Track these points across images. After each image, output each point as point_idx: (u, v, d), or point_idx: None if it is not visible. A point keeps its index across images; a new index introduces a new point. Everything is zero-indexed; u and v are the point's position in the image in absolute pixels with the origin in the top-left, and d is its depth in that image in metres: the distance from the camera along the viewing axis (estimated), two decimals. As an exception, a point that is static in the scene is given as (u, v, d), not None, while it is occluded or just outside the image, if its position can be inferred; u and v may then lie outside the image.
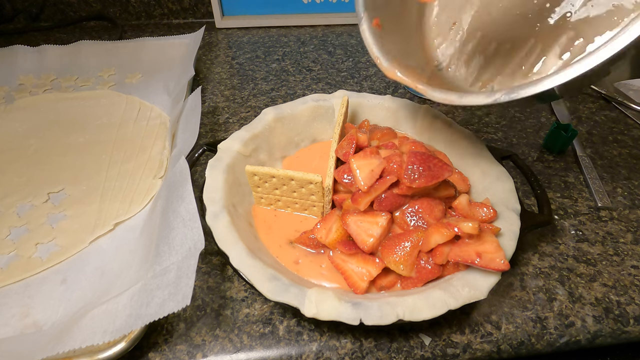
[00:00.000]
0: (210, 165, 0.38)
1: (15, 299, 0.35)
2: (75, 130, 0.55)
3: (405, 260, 0.31)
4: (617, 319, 0.34)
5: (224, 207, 0.34)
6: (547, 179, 0.48)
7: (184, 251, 0.31)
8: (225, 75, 0.70)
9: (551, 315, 0.34)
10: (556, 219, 0.43)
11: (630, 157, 0.51)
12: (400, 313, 0.27)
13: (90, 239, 0.40)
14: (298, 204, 0.38)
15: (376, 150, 0.36)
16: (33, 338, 0.31)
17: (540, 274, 0.37)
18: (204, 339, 0.32)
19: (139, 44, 0.73)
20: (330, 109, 0.46)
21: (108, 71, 0.68)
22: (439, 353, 0.32)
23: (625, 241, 0.40)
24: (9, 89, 0.63)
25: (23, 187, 0.45)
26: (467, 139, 0.42)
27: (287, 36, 0.84)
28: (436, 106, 0.61)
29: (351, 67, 0.72)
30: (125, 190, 0.45)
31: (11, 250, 0.39)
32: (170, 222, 0.33)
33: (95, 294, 0.35)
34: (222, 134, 0.55)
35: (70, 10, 0.86)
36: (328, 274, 0.34)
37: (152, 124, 0.56)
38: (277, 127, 0.44)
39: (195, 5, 0.88)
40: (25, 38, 0.80)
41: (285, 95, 0.64)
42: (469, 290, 0.29)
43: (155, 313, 0.27)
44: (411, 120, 0.46)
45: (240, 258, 0.31)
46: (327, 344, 0.32)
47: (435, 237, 0.30)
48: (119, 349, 0.29)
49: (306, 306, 0.28)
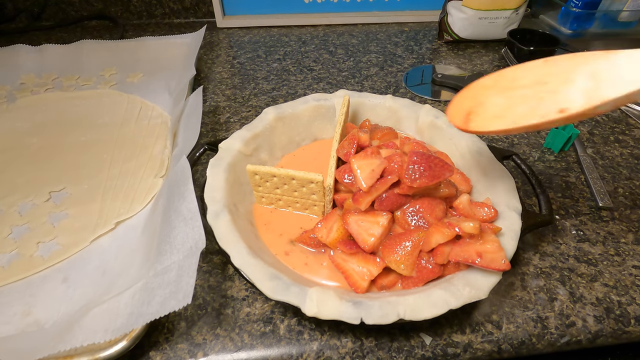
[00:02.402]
0: (212, 165, 0.38)
1: (17, 297, 0.35)
2: (77, 129, 0.55)
3: (406, 260, 0.31)
4: (618, 319, 0.34)
5: (225, 206, 0.35)
6: (548, 178, 0.48)
7: (185, 250, 0.31)
8: (227, 74, 0.70)
9: (552, 315, 0.34)
10: (557, 219, 0.43)
11: (631, 157, 0.51)
12: (401, 312, 0.27)
13: (92, 238, 0.40)
14: (299, 203, 0.38)
15: (377, 150, 0.36)
16: (34, 336, 0.32)
17: (541, 274, 0.37)
18: (205, 338, 0.32)
19: (140, 43, 0.73)
20: (331, 108, 0.46)
21: (109, 70, 0.68)
22: (440, 352, 0.32)
23: (627, 241, 0.40)
24: (11, 88, 0.63)
25: (24, 186, 0.46)
26: (468, 138, 0.42)
27: (288, 36, 0.84)
28: (437, 106, 0.61)
29: (352, 67, 0.72)
30: (126, 189, 0.45)
31: (13, 249, 0.39)
32: (172, 221, 0.34)
33: (97, 293, 0.35)
34: (223, 133, 0.55)
35: (71, 10, 0.86)
36: (329, 273, 0.34)
37: (153, 123, 0.56)
38: (278, 127, 0.44)
39: (196, 5, 0.88)
40: (27, 37, 0.81)
41: (286, 94, 0.64)
42: (469, 289, 0.29)
43: (157, 312, 0.27)
44: (412, 120, 0.46)
45: (241, 257, 0.31)
46: (327, 343, 0.32)
47: (436, 237, 0.30)
48: (120, 347, 0.29)
49: (307, 305, 0.28)
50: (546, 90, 0.25)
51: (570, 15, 0.84)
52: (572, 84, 0.25)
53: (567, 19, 0.85)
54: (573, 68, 0.25)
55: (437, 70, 0.70)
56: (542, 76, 0.26)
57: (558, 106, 0.25)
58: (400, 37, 0.84)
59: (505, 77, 0.29)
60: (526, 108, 0.26)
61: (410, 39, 0.83)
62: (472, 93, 0.31)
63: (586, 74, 0.24)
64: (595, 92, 0.23)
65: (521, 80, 0.27)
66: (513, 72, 0.29)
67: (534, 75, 0.27)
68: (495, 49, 0.79)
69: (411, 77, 0.69)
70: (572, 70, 0.25)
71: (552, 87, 0.25)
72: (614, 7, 0.84)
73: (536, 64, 0.28)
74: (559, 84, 0.25)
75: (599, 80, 0.24)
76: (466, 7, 0.75)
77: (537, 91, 0.26)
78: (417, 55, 0.77)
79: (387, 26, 0.89)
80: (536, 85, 0.26)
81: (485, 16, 0.75)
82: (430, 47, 0.80)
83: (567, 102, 0.24)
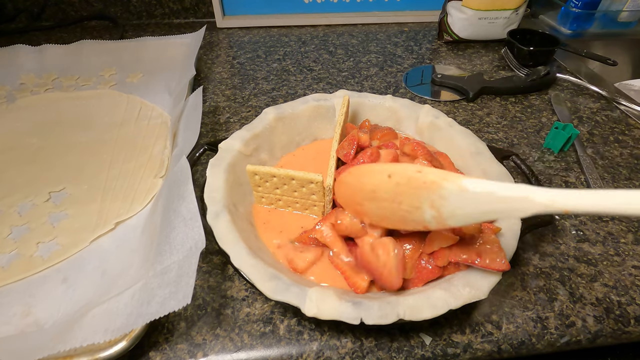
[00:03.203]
0: (211, 165, 0.38)
1: (17, 297, 0.35)
2: (77, 129, 0.55)
3: (406, 263, 0.31)
4: (618, 319, 0.34)
5: (225, 207, 0.34)
6: (548, 179, 0.48)
7: (185, 250, 0.31)
8: (226, 74, 0.70)
9: (552, 315, 0.34)
10: (557, 219, 0.43)
11: (631, 158, 0.51)
12: (401, 313, 0.27)
13: (92, 238, 0.40)
14: (299, 203, 0.38)
15: (377, 150, 0.36)
16: (34, 337, 0.32)
17: (541, 274, 0.37)
18: (205, 338, 0.32)
19: (140, 43, 0.73)
20: (331, 108, 0.46)
21: (109, 71, 0.68)
22: (440, 353, 0.32)
23: (626, 241, 0.40)
24: (11, 89, 0.63)
25: (24, 186, 0.46)
26: (468, 138, 0.42)
27: (288, 36, 0.84)
28: (437, 106, 0.61)
29: (352, 67, 0.72)
30: (126, 190, 0.45)
31: (12, 249, 0.39)
32: (171, 222, 0.34)
33: (96, 293, 0.35)
34: (223, 133, 0.55)
35: (71, 10, 0.86)
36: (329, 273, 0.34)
37: (153, 123, 0.56)
38: (278, 127, 0.44)
39: (196, 5, 0.88)
40: (27, 37, 0.81)
41: (286, 94, 0.64)
42: (469, 290, 0.29)
43: (156, 312, 0.27)
44: (412, 120, 0.46)
45: (241, 257, 0.31)
46: (327, 344, 0.32)
47: (439, 241, 0.30)
48: (119, 347, 0.29)
49: (307, 305, 0.28)
50: (405, 210, 0.27)
51: (570, 16, 0.84)
52: (421, 210, 0.26)
53: (566, 19, 0.85)
54: (417, 194, 0.26)
55: (437, 71, 0.70)
56: (395, 196, 0.27)
57: (421, 224, 0.27)
58: (400, 38, 0.84)
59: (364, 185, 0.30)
60: (398, 219, 0.28)
61: (410, 39, 0.84)
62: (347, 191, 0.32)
63: (428, 204, 0.26)
64: (440, 220, 0.26)
65: (380, 194, 0.29)
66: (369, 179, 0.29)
67: (388, 193, 0.28)
68: (495, 49, 0.79)
69: (411, 77, 0.69)
70: (417, 197, 0.26)
71: (407, 209, 0.27)
72: (614, 7, 0.84)
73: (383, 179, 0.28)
74: (412, 209, 0.27)
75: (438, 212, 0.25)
76: (466, 7, 0.75)
77: (398, 209, 0.28)
78: (416, 55, 0.77)
79: (387, 26, 0.89)
80: (394, 203, 0.28)
81: (485, 16, 0.75)
82: (430, 47, 0.80)
83: (424, 222, 0.27)
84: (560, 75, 0.67)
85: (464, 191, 0.24)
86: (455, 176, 0.24)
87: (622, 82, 0.76)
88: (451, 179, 0.24)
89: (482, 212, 0.24)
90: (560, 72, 0.68)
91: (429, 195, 0.25)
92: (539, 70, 0.64)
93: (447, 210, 0.25)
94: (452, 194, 0.24)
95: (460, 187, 0.24)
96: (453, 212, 0.25)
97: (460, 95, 0.64)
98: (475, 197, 0.23)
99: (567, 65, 0.73)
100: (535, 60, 0.70)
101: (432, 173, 0.25)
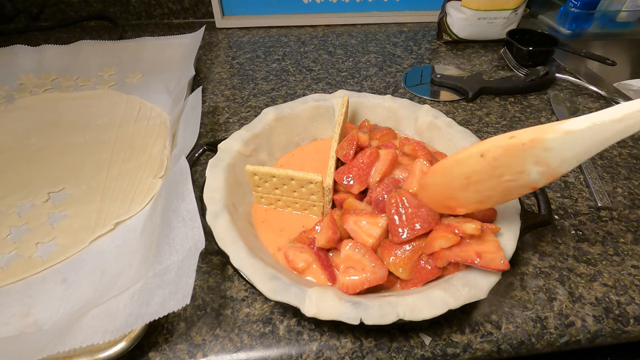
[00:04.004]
0: (211, 165, 0.38)
1: (16, 298, 0.35)
2: (76, 129, 0.55)
3: (405, 264, 0.30)
4: (617, 318, 0.34)
5: (224, 207, 0.34)
6: (547, 179, 0.48)
7: (185, 250, 0.31)
8: (226, 75, 0.70)
9: (551, 315, 0.34)
10: (556, 219, 0.43)
11: (630, 157, 0.51)
12: (401, 313, 0.27)
13: (91, 239, 0.40)
14: (298, 203, 0.38)
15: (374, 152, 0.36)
16: (33, 337, 0.31)
17: (541, 274, 0.37)
18: (204, 339, 0.32)
19: (140, 43, 0.73)
20: (331, 108, 0.46)
21: (108, 71, 0.68)
22: (439, 353, 0.32)
23: (626, 241, 0.40)
24: (10, 89, 0.63)
25: (23, 187, 0.46)
26: (467, 138, 0.42)
27: (288, 36, 0.84)
28: (436, 106, 0.62)
29: (351, 67, 0.72)
30: (125, 190, 0.45)
31: (12, 250, 0.39)
32: (171, 222, 0.33)
33: (96, 294, 0.35)
34: (222, 133, 0.55)
35: (70, 10, 0.86)
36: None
37: (152, 123, 0.56)
38: (277, 127, 0.44)
39: (195, 5, 0.88)
40: (26, 38, 0.81)
41: (285, 95, 0.64)
42: (469, 289, 0.29)
43: (156, 312, 0.27)
44: (411, 120, 0.46)
45: (241, 257, 0.31)
46: (327, 344, 0.32)
47: (440, 242, 0.30)
48: (119, 348, 0.29)
49: (306, 306, 0.28)
50: (507, 180, 0.27)
51: (569, 16, 0.84)
52: (525, 173, 0.26)
53: (565, 19, 0.85)
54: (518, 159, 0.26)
55: (436, 71, 0.70)
56: (494, 171, 0.27)
57: (528, 186, 0.27)
58: (399, 38, 0.84)
59: (455, 177, 0.29)
60: (501, 193, 0.28)
61: (410, 39, 0.84)
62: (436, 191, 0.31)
63: (532, 162, 0.25)
64: (551, 172, 0.25)
65: (475, 177, 0.28)
66: (459, 169, 0.29)
67: (484, 173, 0.28)
68: (494, 49, 0.79)
69: (410, 77, 0.69)
70: (519, 162, 0.26)
71: (510, 177, 0.27)
72: (613, 7, 0.84)
73: (476, 162, 0.28)
74: (515, 176, 0.27)
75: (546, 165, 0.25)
76: (465, 7, 0.75)
77: (499, 183, 0.27)
78: (416, 55, 0.77)
79: (386, 26, 0.89)
80: (494, 179, 0.27)
81: (484, 16, 0.75)
82: (429, 48, 0.80)
83: (532, 183, 0.26)
84: (560, 75, 0.67)
85: (569, 133, 0.23)
86: (551, 125, 0.24)
87: (621, 82, 0.76)
88: (550, 129, 0.24)
89: (598, 143, 0.23)
90: (559, 72, 0.68)
91: (532, 153, 0.25)
92: (538, 70, 0.64)
93: (556, 160, 0.24)
94: (557, 141, 0.24)
95: (564, 131, 0.23)
96: (563, 158, 0.24)
97: (460, 95, 0.64)
98: (584, 134, 0.23)
99: (566, 65, 0.73)
100: (534, 60, 0.70)
101: (526, 132, 0.25)
